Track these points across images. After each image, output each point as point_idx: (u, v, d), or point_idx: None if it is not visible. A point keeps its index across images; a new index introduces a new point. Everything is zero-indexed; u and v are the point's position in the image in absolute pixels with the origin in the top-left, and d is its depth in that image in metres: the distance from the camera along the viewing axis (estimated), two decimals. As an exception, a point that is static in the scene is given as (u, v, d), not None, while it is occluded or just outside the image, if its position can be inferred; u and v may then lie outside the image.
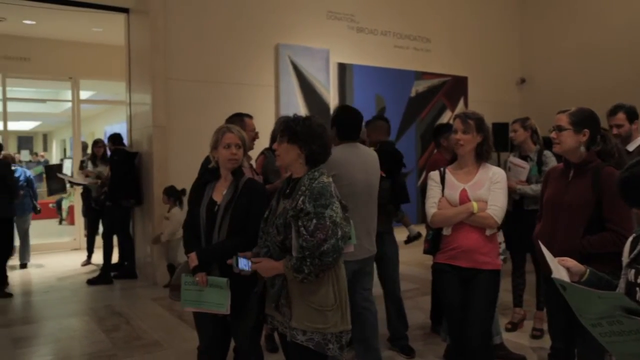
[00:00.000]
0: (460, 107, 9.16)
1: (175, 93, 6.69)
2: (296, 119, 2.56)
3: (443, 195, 3.07)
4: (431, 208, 3.07)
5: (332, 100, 7.87)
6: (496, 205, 2.95)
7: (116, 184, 6.94)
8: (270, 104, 7.37)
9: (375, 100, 8.30)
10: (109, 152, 7.50)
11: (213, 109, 6.67)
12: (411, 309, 4.64)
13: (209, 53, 6.92)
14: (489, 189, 2.98)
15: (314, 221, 2.33)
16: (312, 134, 2.49)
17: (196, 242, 2.88)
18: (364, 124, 3.94)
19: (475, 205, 2.95)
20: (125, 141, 7.64)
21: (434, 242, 3.12)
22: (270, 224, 2.54)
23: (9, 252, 6.71)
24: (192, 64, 6.81)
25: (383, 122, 4.67)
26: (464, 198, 3.00)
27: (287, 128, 2.51)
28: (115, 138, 7.29)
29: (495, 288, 3.07)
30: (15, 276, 7.05)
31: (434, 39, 8.97)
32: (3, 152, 6.94)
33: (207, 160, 4.01)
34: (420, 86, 8.78)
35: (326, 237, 2.31)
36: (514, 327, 4.74)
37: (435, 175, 3.15)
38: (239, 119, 3.87)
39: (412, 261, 6.87)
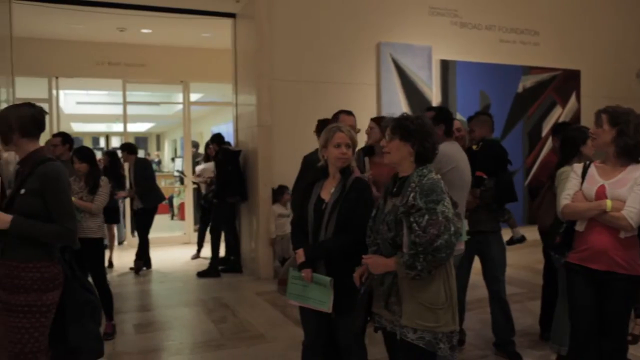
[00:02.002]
0: (572, 103, 8.68)
1: (279, 93, 6.88)
2: (408, 117, 2.55)
3: (581, 189, 2.95)
4: (564, 200, 2.97)
5: (435, 98, 7.74)
6: (633, 208, 2.74)
7: (221, 181, 7.24)
8: (372, 102, 7.38)
9: (480, 97, 8.06)
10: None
11: (315, 108, 6.77)
12: (518, 312, 4.44)
13: (311, 54, 7.06)
14: (631, 189, 2.79)
15: (426, 217, 2.31)
16: (425, 131, 2.48)
17: (304, 238, 2.94)
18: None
19: (609, 203, 2.78)
20: (232, 140, 7.98)
21: (566, 238, 3.00)
22: (379, 221, 2.55)
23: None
24: (295, 65, 6.98)
25: (487, 117, 4.54)
26: (601, 194, 2.85)
27: (399, 125, 2.51)
28: (218, 138, 7.61)
29: (633, 295, 2.88)
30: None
31: (542, 32, 8.54)
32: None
33: (305, 159, 4.08)
34: (527, 81, 8.41)
35: (439, 232, 2.29)
36: (634, 339, 4.39)
37: (578, 168, 3.04)
38: (334, 116, 3.87)
39: (519, 264, 6.61)
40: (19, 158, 2.62)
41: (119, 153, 7.78)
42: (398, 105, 7.27)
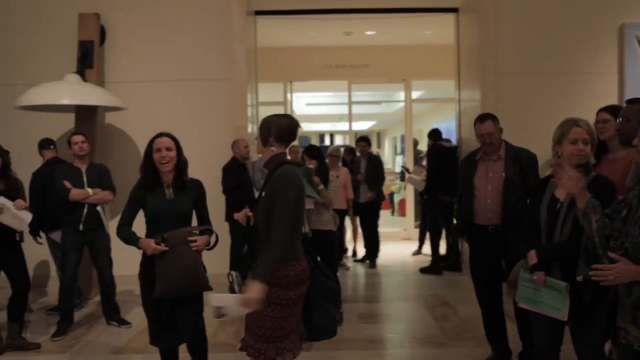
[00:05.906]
0: None
1: (505, 87, 6.60)
2: None
3: None
4: None
5: (694, 83, 6.65)
6: None
7: (432, 178, 7.19)
8: (611, 93, 6.63)
9: None
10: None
11: (546, 102, 6.39)
12: None
13: (540, 43, 6.64)
14: None
15: None
16: None
17: (536, 240, 2.80)
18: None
19: None
20: (453, 138, 7.87)
21: None
22: (630, 223, 2.25)
23: None
24: (522, 57, 6.65)
25: None
26: None
27: None
28: (434, 134, 7.52)
29: None
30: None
31: None
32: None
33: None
34: None
35: None
36: None
37: None
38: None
39: None
40: (265, 160, 2.91)
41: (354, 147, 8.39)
42: (646, 95, 6.41)
